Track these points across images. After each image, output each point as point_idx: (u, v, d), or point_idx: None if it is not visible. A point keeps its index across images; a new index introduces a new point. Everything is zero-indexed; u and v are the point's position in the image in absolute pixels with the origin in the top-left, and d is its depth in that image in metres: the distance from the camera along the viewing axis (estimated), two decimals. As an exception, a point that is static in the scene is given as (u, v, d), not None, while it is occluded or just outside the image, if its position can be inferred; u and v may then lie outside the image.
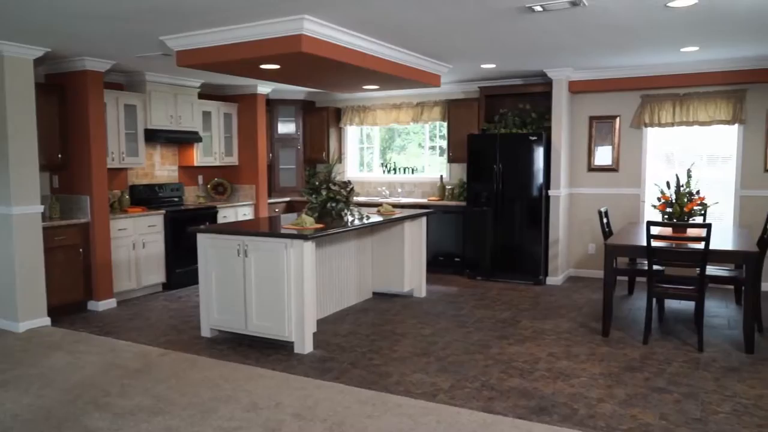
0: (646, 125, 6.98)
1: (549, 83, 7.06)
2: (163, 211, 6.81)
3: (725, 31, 4.84)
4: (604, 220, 5.81)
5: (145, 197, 7.12)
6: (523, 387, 3.90)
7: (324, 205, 5.59)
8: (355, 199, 8.16)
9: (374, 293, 6.52)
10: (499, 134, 7.16)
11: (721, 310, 5.76)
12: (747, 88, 6.50)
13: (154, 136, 6.96)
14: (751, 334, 4.51)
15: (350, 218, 5.58)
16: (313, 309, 4.74)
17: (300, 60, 4.72)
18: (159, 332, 5.26)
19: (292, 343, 4.67)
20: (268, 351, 4.68)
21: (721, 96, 6.58)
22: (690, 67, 6.47)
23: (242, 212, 7.99)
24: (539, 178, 6.95)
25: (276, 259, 4.61)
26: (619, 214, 7.14)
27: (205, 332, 5.08)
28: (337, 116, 8.94)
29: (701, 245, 4.57)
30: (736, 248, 4.66)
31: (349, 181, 5.79)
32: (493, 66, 6.53)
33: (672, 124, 6.83)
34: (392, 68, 5.58)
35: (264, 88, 8.03)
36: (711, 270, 5.24)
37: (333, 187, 5.62)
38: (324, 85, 6.64)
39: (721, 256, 4.62)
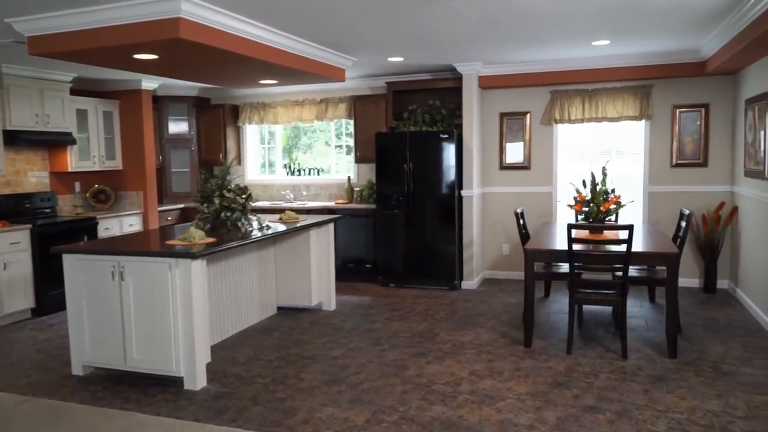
0: (556, 122, 6.83)
1: (459, 78, 6.75)
2: (29, 226, 5.87)
3: (639, 23, 4.67)
4: (521, 222, 5.54)
5: (9, 209, 6.14)
6: (447, 416, 3.49)
7: (217, 215, 4.94)
8: (257, 203, 7.54)
9: (279, 308, 5.93)
10: (409, 132, 6.76)
11: (636, 310, 5.66)
12: (653, 83, 6.48)
13: (15, 139, 5.99)
14: (674, 339, 4.35)
15: (248, 228, 4.97)
16: (205, 337, 4.11)
17: (180, 48, 4.06)
18: (20, 372, 4.41)
19: (182, 378, 4.01)
20: (153, 389, 3.99)
21: (629, 92, 6.53)
22: (598, 62, 6.36)
23: (128, 222, 7.12)
24: (451, 178, 6.62)
25: (158, 282, 3.94)
26: (533, 214, 6.95)
27: (77, 370, 4.31)
28: (234, 114, 8.23)
29: (621, 247, 4.37)
30: (656, 248, 4.50)
31: (246, 187, 5.17)
32: (400, 59, 6.11)
33: (582, 120, 6.71)
34: (290, 60, 5.02)
35: (149, 83, 7.19)
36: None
37: (227, 194, 4.98)
38: (215, 79, 5.95)
39: (643, 258, 4.43)
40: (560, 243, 4.81)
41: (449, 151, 6.58)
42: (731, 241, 6.34)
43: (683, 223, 5.10)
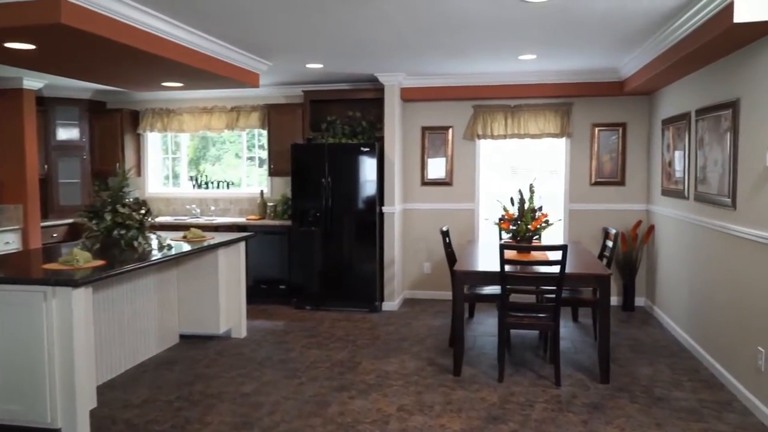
0: (479, 137, 6.66)
1: (380, 89, 6.44)
2: None
3: (568, 37, 4.54)
4: (447, 240, 5.26)
5: None
6: (375, 464, 3.08)
7: (109, 233, 4.32)
8: (159, 219, 6.83)
9: (182, 336, 5.30)
10: (327, 144, 6.36)
11: (561, 330, 5.47)
12: (573, 101, 6.46)
13: None
14: (607, 364, 4.18)
15: (146, 248, 4.37)
16: (89, 377, 3.48)
17: (62, 37, 3.45)
18: None
19: (58, 430, 3.36)
20: (21, 445, 3.32)
21: (550, 109, 6.47)
22: (521, 78, 6.26)
23: (5, 240, 6.22)
24: (372, 193, 6.26)
25: (30, 315, 3.29)
26: (455, 231, 6.71)
27: (-76, 423, 3.54)
28: (134, 120, 7.48)
29: (553, 268, 4.17)
30: (588, 269, 4.33)
31: (145, 202, 4.56)
32: (320, 66, 5.72)
33: (504, 137, 6.58)
34: (197, 60, 4.50)
35: (33, 81, 6.35)
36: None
37: (122, 210, 4.36)
38: (108, 78, 5.28)
39: (576, 280, 4.25)
40: (486, 263, 4.57)
41: (370, 165, 6.23)
42: (647, 259, 6.39)
43: (609, 242, 5.01)
